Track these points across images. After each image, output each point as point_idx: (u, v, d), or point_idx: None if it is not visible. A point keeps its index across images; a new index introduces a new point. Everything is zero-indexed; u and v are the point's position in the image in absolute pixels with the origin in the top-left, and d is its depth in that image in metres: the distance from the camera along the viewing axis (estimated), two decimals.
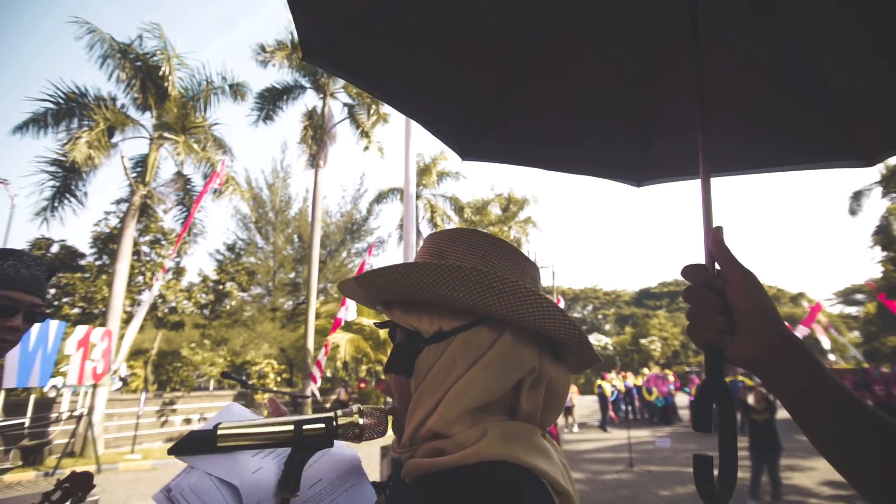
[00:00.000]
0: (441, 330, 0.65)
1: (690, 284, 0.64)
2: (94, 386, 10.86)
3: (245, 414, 0.74)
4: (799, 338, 0.59)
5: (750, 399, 6.69)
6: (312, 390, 11.37)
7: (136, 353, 17.28)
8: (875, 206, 33.08)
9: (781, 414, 6.84)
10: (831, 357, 22.41)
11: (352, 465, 0.75)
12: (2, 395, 9.52)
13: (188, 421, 14.09)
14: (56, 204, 12.70)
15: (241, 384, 3.78)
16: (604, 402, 15.71)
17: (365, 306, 0.79)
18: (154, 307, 16.48)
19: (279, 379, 18.44)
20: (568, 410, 15.38)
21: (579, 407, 17.79)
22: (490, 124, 1.48)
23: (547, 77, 1.38)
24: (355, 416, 0.66)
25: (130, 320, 11.52)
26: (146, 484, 8.67)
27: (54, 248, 16.06)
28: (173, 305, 17.49)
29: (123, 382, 14.87)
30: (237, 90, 14.59)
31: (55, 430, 10.70)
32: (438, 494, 0.56)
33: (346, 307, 11.44)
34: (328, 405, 17.53)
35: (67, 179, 12.71)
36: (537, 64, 1.35)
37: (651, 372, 19.14)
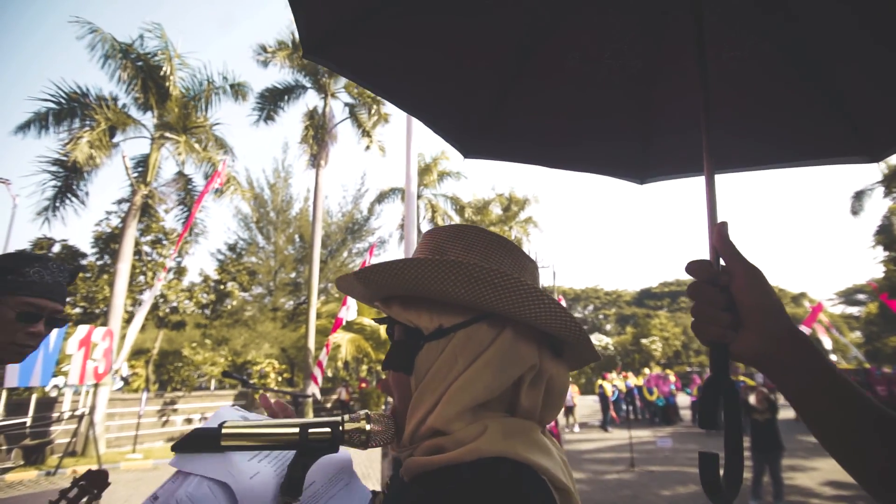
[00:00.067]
0: (441, 326, 0.64)
1: (695, 280, 0.63)
2: (96, 385, 10.88)
3: (239, 416, 0.73)
4: (804, 333, 0.58)
5: (751, 399, 6.66)
6: (313, 391, 11.36)
7: (138, 353, 17.34)
8: (877, 206, 33.09)
9: (783, 414, 6.85)
10: (833, 357, 22.36)
11: (342, 464, 0.74)
12: (4, 395, 9.55)
13: (189, 420, 14.11)
14: (57, 204, 12.72)
15: (243, 384, 3.79)
16: (605, 402, 15.66)
17: (363, 303, 0.78)
18: (155, 307, 16.51)
19: (280, 379, 18.48)
20: (569, 410, 15.35)
21: (580, 407, 17.73)
22: (492, 122, 1.48)
23: (548, 74, 1.37)
24: (362, 422, 0.64)
25: (132, 320, 11.52)
26: (147, 483, 8.68)
27: (56, 248, 16.08)
28: (174, 305, 17.52)
29: (125, 382, 14.93)
30: (238, 90, 14.60)
31: (57, 430, 10.74)
32: (437, 491, 0.55)
33: (348, 307, 11.41)
34: (329, 405, 17.56)
35: (69, 179, 12.72)
36: (539, 61, 1.34)
37: (652, 372, 19.11)
